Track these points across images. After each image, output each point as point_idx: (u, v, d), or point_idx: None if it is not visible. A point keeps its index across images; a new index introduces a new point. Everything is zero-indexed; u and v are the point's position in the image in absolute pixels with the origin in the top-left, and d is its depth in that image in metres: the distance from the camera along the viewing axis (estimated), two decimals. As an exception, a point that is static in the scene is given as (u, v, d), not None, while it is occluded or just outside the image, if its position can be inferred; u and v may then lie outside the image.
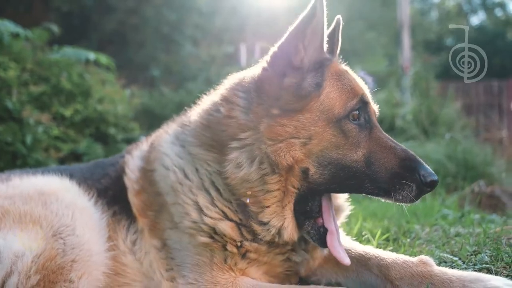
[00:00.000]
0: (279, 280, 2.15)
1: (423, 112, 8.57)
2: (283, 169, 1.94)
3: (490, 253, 2.32)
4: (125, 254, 2.23)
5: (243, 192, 1.99)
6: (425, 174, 1.89)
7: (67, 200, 2.18)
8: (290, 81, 2.00)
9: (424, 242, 2.86)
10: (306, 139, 1.94)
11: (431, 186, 1.92)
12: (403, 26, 13.29)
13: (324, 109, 1.97)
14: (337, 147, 1.95)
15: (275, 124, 1.95)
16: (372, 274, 2.14)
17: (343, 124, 1.96)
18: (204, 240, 2.04)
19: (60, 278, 1.94)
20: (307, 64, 2.02)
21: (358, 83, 2.13)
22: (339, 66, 2.17)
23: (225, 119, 2.06)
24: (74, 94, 6.08)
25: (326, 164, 1.94)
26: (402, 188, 1.90)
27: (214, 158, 2.07)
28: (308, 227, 2.03)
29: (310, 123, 1.95)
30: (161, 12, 15.79)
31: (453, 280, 1.87)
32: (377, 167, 1.95)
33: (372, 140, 2.01)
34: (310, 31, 2.00)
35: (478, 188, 5.48)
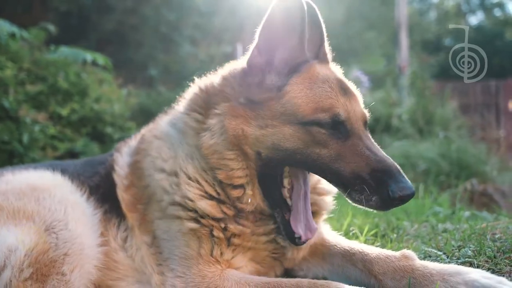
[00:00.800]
0: (265, 267, 2.21)
1: (419, 112, 8.62)
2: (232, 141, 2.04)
3: (474, 247, 2.37)
4: (117, 251, 2.28)
5: (215, 163, 2.09)
6: (394, 190, 1.84)
7: (59, 196, 2.21)
8: (250, 80, 2.10)
9: (411, 237, 2.91)
10: (263, 125, 2.02)
11: (400, 201, 1.88)
12: (401, 26, 13.33)
13: (285, 112, 2.00)
14: (299, 140, 1.98)
15: (240, 106, 2.07)
16: (357, 269, 2.19)
17: (308, 127, 1.98)
18: (192, 226, 2.09)
19: (53, 271, 1.98)
20: (268, 65, 2.08)
21: (338, 97, 2.05)
22: (320, 72, 2.12)
23: (218, 90, 2.18)
24: (71, 93, 6.12)
25: (282, 150, 2.00)
26: (361, 192, 1.90)
27: (196, 126, 2.17)
28: (277, 216, 2.12)
29: (268, 118, 2.02)
30: (160, 12, 15.84)
31: (433, 274, 1.91)
32: (342, 166, 1.94)
33: (346, 146, 1.98)
34: (265, 32, 2.04)
35: (470, 186, 5.54)
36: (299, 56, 2.09)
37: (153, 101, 10.36)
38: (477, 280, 1.79)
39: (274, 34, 2.05)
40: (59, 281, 1.99)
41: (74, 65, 6.46)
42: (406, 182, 1.88)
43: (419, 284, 1.93)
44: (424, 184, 5.60)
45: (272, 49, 2.08)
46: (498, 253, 2.26)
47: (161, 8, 15.87)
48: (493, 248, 2.31)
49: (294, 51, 2.08)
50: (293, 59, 2.08)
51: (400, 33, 13.24)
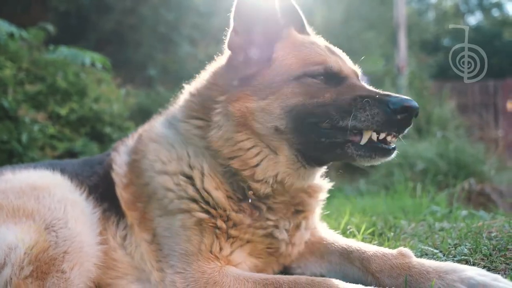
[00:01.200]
0: (263, 262, 2.25)
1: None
2: (239, 121, 2.10)
3: (470, 245, 2.40)
4: (116, 250, 2.30)
5: (228, 153, 2.14)
6: (395, 101, 1.90)
7: (59, 195, 2.23)
8: (235, 62, 2.21)
9: (408, 236, 2.93)
10: (264, 96, 2.10)
11: (404, 111, 1.90)
12: (400, 26, 13.37)
13: (278, 73, 2.12)
14: (300, 95, 2.07)
15: (236, 91, 2.14)
16: (354, 266, 2.22)
17: (303, 79, 2.09)
18: (200, 216, 2.12)
19: (53, 268, 2.00)
20: (247, 42, 2.20)
21: (327, 54, 2.19)
22: (302, 38, 2.29)
23: (211, 85, 2.27)
24: (70, 93, 6.13)
25: (292, 109, 2.06)
26: (364, 109, 1.95)
27: (200, 133, 2.22)
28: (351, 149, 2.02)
29: (265, 86, 2.12)
30: (159, 12, 15.82)
31: (430, 271, 1.94)
32: (343, 98, 2.02)
33: (343, 87, 2.09)
34: (240, 17, 2.18)
35: (468, 186, 5.56)
36: (275, 26, 2.23)
37: (152, 101, 10.37)
38: (472, 278, 1.81)
39: (247, 13, 2.19)
40: (59, 279, 2.01)
41: (73, 65, 6.47)
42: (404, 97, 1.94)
43: (415, 281, 1.95)
44: (422, 184, 5.63)
45: (248, 27, 2.21)
46: (494, 251, 2.29)
47: (159, 8, 15.86)
48: (489, 246, 2.33)
49: (268, 23, 2.22)
50: (270, 30, 2.21)
51: (398, 33, 13.28)
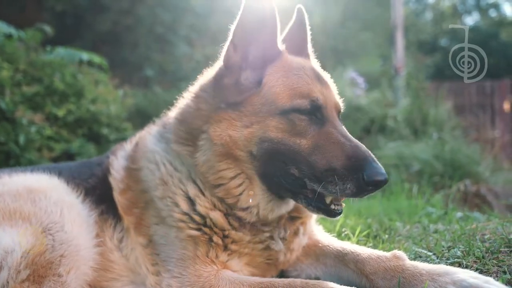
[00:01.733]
0: (260, 271, 2.26)
1: (413, 113, 8.67)
2: (221, 151, 2.08)
3: (463, 248, 2.42)
4: (112, 251, 2.32)
5: (213, 180, 2.13)
6: (370, 174, 1.90)
7: (55, 198, 2.24)
8: (227, 80, 2.15)
9: (403, 238, 2.95)
10: (248, 124, 2.07)
11: (374, 185, 1.94)
12: (397, 26, 13.38)
13: (266, 102, 2.08)
14: (282, 131, 2.05)
15: (221, 111, 2.11)
16: (349, 269, 2.24)
17: (289, 115, 2.05)
18: (193, 233, 2.14)
19: (49, 272, 2.02)
20: (243, 62, 2.15)
21: (314, 83, 2.16)
22: (293, 61, 2.23)
23: (195, 111, 2.23)
24: (67, 94, 6.13)
25: (268, 141, 2.05)
26: (335, 183, 1.94)
27: (189, 152, 2.20)
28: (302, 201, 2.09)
29: (251, 114, 2.08)
30: (156, 13, 15.81)
31: (423, 274, 1.96)
32: (318, 158, 2.00)
33: (322, 134, 2.06)
34: (239, 31, 2.12)
35: (464, 187, 5.59)
36: (271, 49, 2.18)
37: (149, 102, 10.38)
38: (465, 280, 1.84)
39: (248, 31, 2.13)
40: (56, 282, 2.03)
41: (70, 66, 6.48)
42: (380, 168, 1.95)
43: (408, 283, 1.98)
44: (418, 185, 5.66)
45: (246, 45, 2.15)
46: (487, 253, 2.31)
47: (156, 9, 15.84)
48: (482, 248, 2.36)
49: (266, 46, 2.16)
50: (266, 53, 2.16)
51: (396, 34, 13.29)
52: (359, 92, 9.78)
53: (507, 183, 6.23)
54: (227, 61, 2.17)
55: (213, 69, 2.35)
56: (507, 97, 17.15)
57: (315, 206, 2.05)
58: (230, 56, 2.16)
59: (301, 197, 2.08)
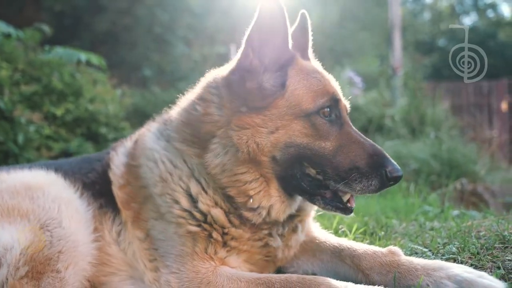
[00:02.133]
0: (258, 267, 2.27)
1: (411, 112, 8.70)
2: (245, 157, 2.08)
3: (458, 244, 2.44)
4: (110, 245, 2.33)
5: (225, 182, 2.13)
6: (392, 170, 2.02)
7: (53, 194, 2.25)
8: (250, 84, 2.13)
9: (399, 235, 2.97)
10: (273, 129, 2.08)
11: (395, 181, 2.05)
12: (394, 27, 13.41)
13: (290, 105, 2.09)
14: (307, 136, 2.08)
15: (243, 116, 2.10)
16: (345, 264, 2.26)
17: (312, 119, 2.09)
18: (193, 229, 2.15)
19: (48, 268, 2.03)
20: (261, 65, 2.15)
21: (329, 81, 2.24)
22: (307, 64, 2.28)
23: (203, 116, 2.20)
24: (66, 93, 6.15)
25: (294, 146, 2.08)
26: (360, 180, 2.02)
27: (196, 153, 2.20)
28: (319, 202, 2.15)
29: (276, 118, 2.08)
30: (154, 13, 15.83)
31: (418, 269, 1.99)
32: (343, 158, 2.07)
33: (343, 134, 2.13)
34: (257, 34, 2.12)
35: (460, 186, 5.62)
36: (286, 53, 2.19)
37: (147, 102, 10.38)
38: (459, 275, 1.87)
39: (264, 33, 2.13)
40: (54, 279, 2.04)
41: (68, 65, 6.49)
42: (396, 164, 2.07)
43: (404, 278, 2.00)
44: (415, 184, 5.68)
45: (262, 48, 2.15)
46: (482, 249, 2.33)
47: (154, 9, 15.86)
48: (477, 245, 2.38)
49: (280, 49, 2.17)
50: (281, 56, 2.17)
51: (393, 34, 13.32)
52: (356, 91, 9.80)
53: (504, 182, 6.26)
54: (248, 64, 2.15)
55: (220, 72, 2.32)
56: (505, 97, 17.20)
57: (334, 206, 2.13)
58: (249, 59, 2.15)
59: (318, 198, 2.13)
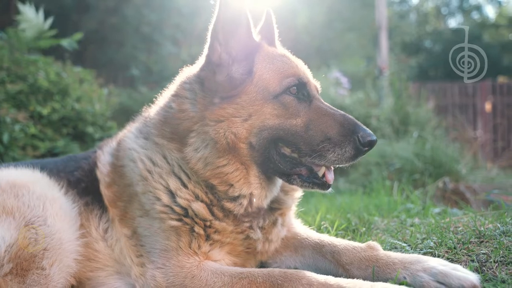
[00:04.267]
0: (241, 259, 2.34)
1: (396, 112, 8.80)
2: (225, 148, 2.16)
3: (436, 239, 2.51)
4: (97, 241, 2.37)
5: (209, 175, 2.20)
6: (364, 135, 2.11)
7: (38, 192, 2.28)
8: (220, 77, 2.23)
9: (380, 231, 3.04)
10: (246, 116, 2.17)
11: (369, 145, 2.13)
12: (381, 27, 13.54)
13: (259, 90, 2.20)
14: (278, 117, 2.18)
15: (217, 108, 2.18)
16: (326, 259, 2.33)
17: (281, 98, 2.19)
18: (174, 224, 2.20)
19: (32, 265, 2.07)
20: (229, 57, 2.25)
21: (296, 64, 2.36)
22: (273, 50, 2.40)
23: (178, 113, 2.29)
24: (52, 92, 6.11)
25: (267, 129, 2.17)
26: (333, 150, 2.11)
27: (176, 147, 2.27)
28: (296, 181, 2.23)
29: (248, 104, 2.18)
30: (141, 12, 15.78)
31: (396, 262, 2.06)
32: (314, 131, 2.16)
33: (312, 109, 2.23)
34: (220, 28, 2.22)
35: (442, 185, 5.71)
36: (250, 42, 2.29)
37: (134, 101, 10.37)
38: (434, 267, 1.94)
39: (227, 27, 2.23)
40: (39, 275, 2.07)
41: (54, 64, 6.46)
42: (368, 129, 2.14)
43: (382, 272, 2.07)
44: (399, 182, 5.77)
45: (228, 42, 2.25)
46: (458, 244, 2.40)
47: (142, 8, 15.82)
48: (454, 239, 2.45)
49: (245, 39, 2.27)
50: (247, 45, 2.27)
51: (380, 35, 13.45)
52: (342, 91, 9.89)
53: (485, 181, 6.38)
54: (217, 58, 2.24)
55: (192, 69, 2.42)
56: (489, 98, 17.46)
57: (310, 182, 2.21)
58: (217, 54, 2.24)
59: (295, 177, 2.22)
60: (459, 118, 9.80)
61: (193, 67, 2.45)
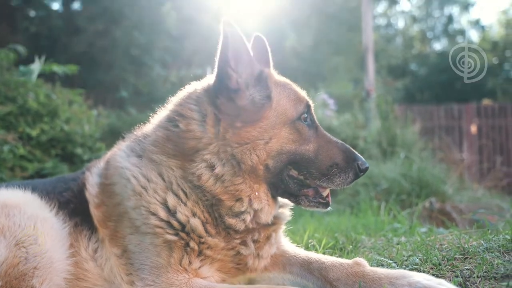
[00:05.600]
0: (230, 276, 2.36)
1: (383, 134, 8.92)
2: (247, 169, 2.25)
3: (422, 256, 2.56)
4: (87, 261, 2.38)
5: (219, 191, 2.26)
6: (361, 163, 2.36)
7: (29, 212, 2.30)
8: (241, 101, 2.30)
9: (367, 249, 3.09)
10: (268, 139, 2.27)
11: (364, 171, 2.39)
12: (368, 50, 13.76)
13: (278, 115, 2.31)
14: (294, 142, 2.31)
15: (240, 131, 2.26)
16: (314, 276, 2.36)
17: (296, 124, 2.34)
18: (170, 238, 2.22)
19: (23, 284, 2.08)
20: (245, 82, 2.33)
21: (300, 91, 2.50)
22: (278, 77, 2.53)
23: (184, 133, 2.33)
24: (41, 114, 6.13)
25: (285, 153, 2.30)
26: (339, 175, 2.32)
27: (177, 165, 2.31)
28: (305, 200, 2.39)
29: (269, 128, 2.28)
30: (131, 35, 15.94)
31: (382, 278, 2.10)
32: (323, 157, 2.34)
33: (319, 136, 2.40)
34: (231, 53, 2.29)
35: (429, 205, 5.79)
36: (256, 67, 2.38)
37: (123, 122, 10.39)
38: (419, 282, 1.99)
39: (235, 54, 2.30)
40: (29, 294, 2.08)
41: (44, 86, 6.49)
42: (362, 157, 2.40)
43: (369, 287, 2.11)
44: (386, 203, 5.84)
45: (238, 67, 2.32)
46: (443, 260, 2.46)
47: (132, 31, 15.97)
48: (439, 256, 2.51)
49: (250, 65, 2.36)
50: (253, 71, 2.36)
51: (367, 58, 13.67)
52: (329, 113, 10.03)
53: (471, 201, 6.47)
54: (234, 84, 2.30)
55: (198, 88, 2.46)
56: (474, 120, 17.77)
57: (316, 202, 2.39)
58: (234, 79, 2.30)
59: (303, 198, 2.38)
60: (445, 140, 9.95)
61: (193, 87, 2.49)
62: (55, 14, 18.40)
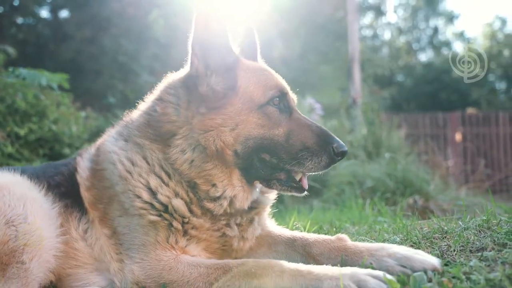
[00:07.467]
0: (216, 256, 2.43)
1: (369, 137, 9.04)
2: (213, 154, 2.29)
3: (402, 236, 2.65)
4: (77, 241, 2.44)
5: (194, 175, 2.32)
6: (337, 146, 2.31)
7: (18, 193, 2.35)
8: (202, 88, 2.37)
9: (351, 234, 3.16)
10: (234, 126, 2.30)
11: (342, 155, 2.34)
12: (354, 60, 13.99)
13: (244, 101, 2.34)
14: (262, 127, 2.33)
15: (205, 118, 2.31)
16: (298, 253, 2.45)
17: (265, 109, 2.35)
18: (153, 219, 2.30)
19: (13, 260, 2.13)
20: (208, 70, 2.39)
21: (277, 77, 2.53)
22: (254, 64, 2.58)
23: (161, 116, 2.42)
24: (29, 114, 6.16)
25: (252, 138, 2.31)
26: (310, 158, 2.29)
27: (158, 148, 2.39)
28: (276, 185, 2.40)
29: (235, 114, 2.32)
30: (119, 42, 15.98)
31: (363, 251, 2.20)
32: (294, 141, 2.33)
33: (292, 120, 2.40)
34: (197, 41, 2.36)
35: (413, 201, 5.90)
36: (230, 55, 2.44)
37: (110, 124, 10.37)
38: (398, 252, 2.08)
39: (204, 40, 2.36)
40: (19, 269, 2.13)
41: (32, 87, 6.52)
42: (340, 141, 2.36)
43: (350, 260, 2.20)
44: (371, 201, 5.93)
45: (206, 54, 2.39)
46: (423, 240, 2.55)
47: (119, 38, 16.02)
48: (419, 235, 2.60)
49: (223, 51, 2.41)
50: (225, 58, 2.42)
51: (353, 66, 13.89)
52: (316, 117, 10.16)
53: (454, 200, 6.58)
54: (195, 71, 2.38)
55: (175, 75, 2.56)
56: (458, 129, 18.06)
57: (288, 185, 2.38)
58: (195, 66, 2.38)
59: (274, 182, 2.38)
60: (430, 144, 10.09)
61: (176, 74, 2.59)
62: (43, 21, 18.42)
